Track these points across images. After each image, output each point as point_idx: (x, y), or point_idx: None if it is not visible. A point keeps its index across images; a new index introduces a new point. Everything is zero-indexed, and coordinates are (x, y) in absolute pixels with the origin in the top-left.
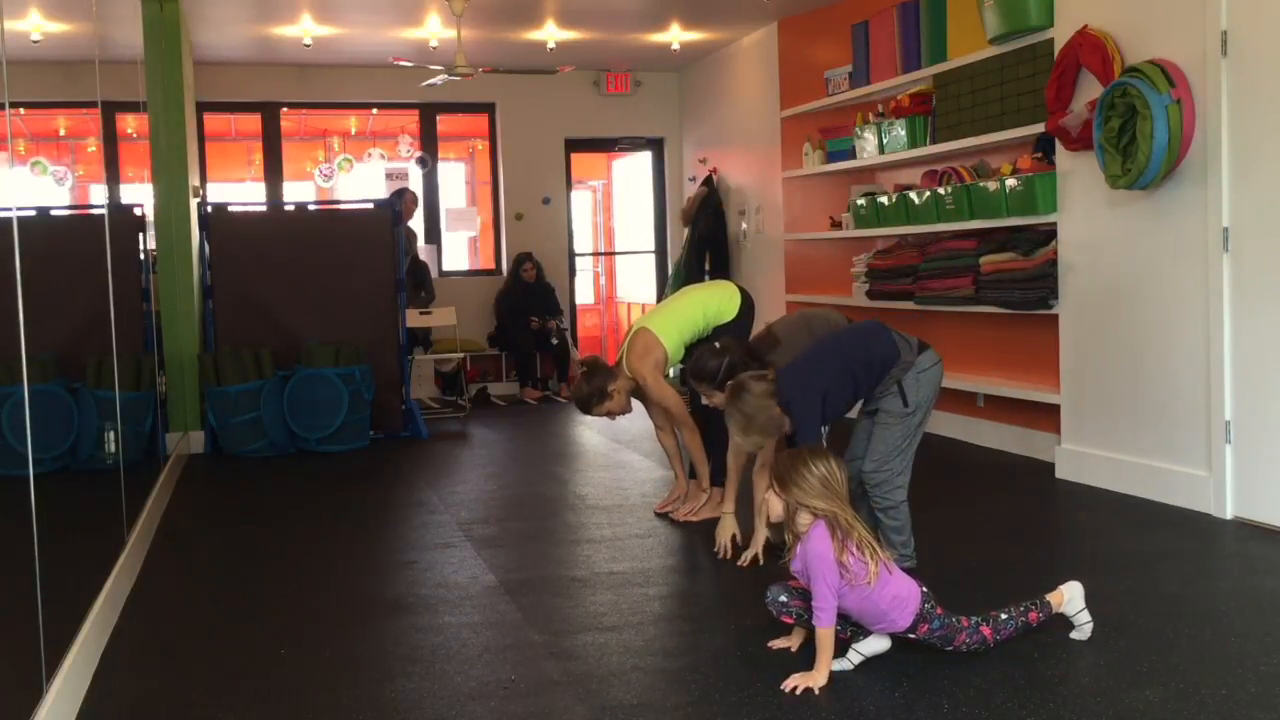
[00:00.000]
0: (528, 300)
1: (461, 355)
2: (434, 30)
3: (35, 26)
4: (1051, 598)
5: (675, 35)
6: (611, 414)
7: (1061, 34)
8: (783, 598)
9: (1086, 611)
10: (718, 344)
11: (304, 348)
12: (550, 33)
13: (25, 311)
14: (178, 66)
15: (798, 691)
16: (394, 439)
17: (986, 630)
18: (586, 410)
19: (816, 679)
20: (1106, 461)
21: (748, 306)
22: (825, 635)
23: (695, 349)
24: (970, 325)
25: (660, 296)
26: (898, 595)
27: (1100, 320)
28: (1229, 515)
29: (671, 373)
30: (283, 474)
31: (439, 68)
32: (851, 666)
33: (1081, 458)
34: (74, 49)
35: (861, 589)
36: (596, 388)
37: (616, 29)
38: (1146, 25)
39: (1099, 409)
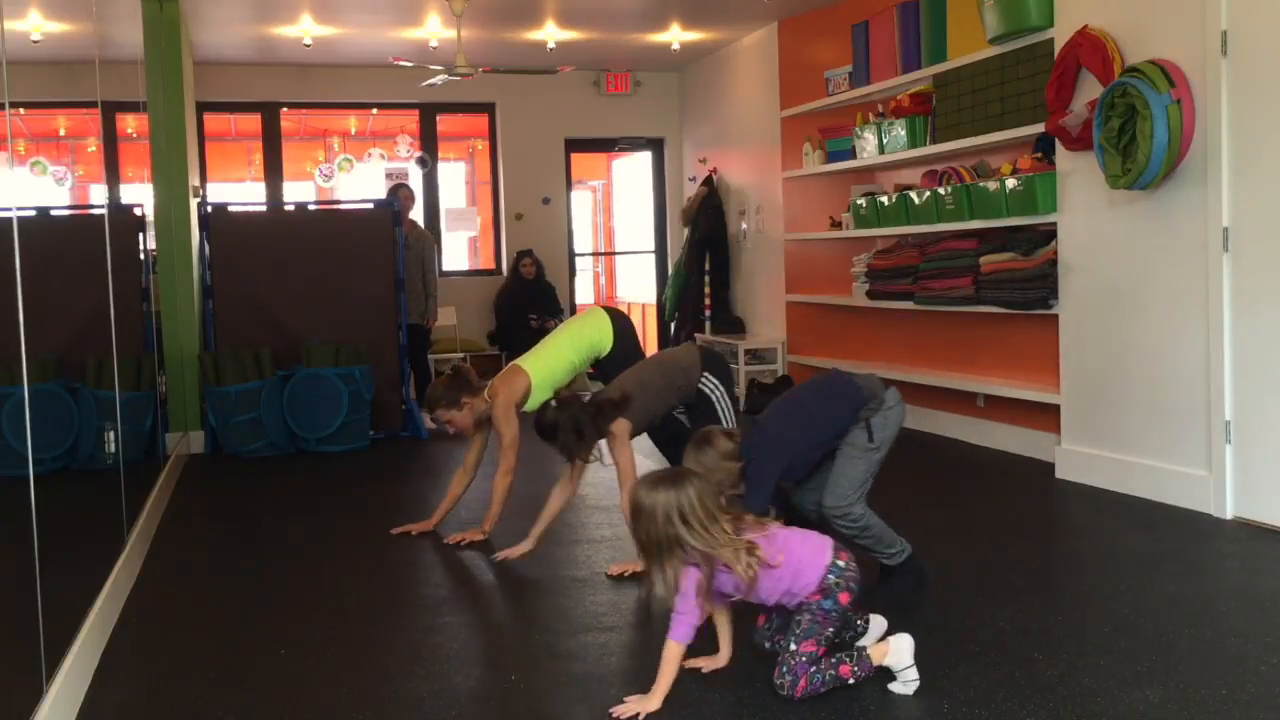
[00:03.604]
0: (528, 299)
1: (461, 355)
2: (434, 30)
3: (35, 26)
4: (873, 651)
5: (675, 35)
6: (452, 424)
7: (1061, 34)
8: (766, 633)
9: (914, 669)
10: (554, 401)
11: (304, 348)
12: (550, 33)
13: (25, 311)
14: (178, 66)
15: (625, 716)
16: (394, 439)
17: (803, 673)
18: (431, 409)
19: (651, 703)
20: (1106, 461)
21: (622, 332)
22: (675, 651)
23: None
24: (970, 325)
25: (660, 296)
26: (802, 559)
27: (1100, 320)
28: (1229, 515)
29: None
30: (283, 474)
31: (439, 68)
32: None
33: (1081, 458)
34: (74, 49)
35: (774, 572)
36: (451, 395)
37: (616, 29)
38: (1146, 25)
39: (1099, 409)
